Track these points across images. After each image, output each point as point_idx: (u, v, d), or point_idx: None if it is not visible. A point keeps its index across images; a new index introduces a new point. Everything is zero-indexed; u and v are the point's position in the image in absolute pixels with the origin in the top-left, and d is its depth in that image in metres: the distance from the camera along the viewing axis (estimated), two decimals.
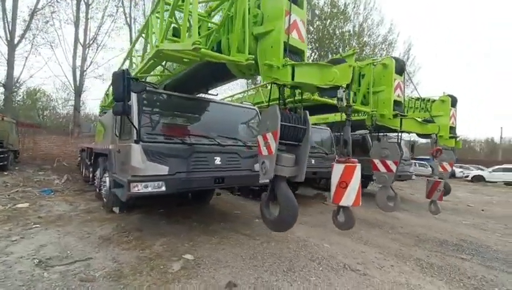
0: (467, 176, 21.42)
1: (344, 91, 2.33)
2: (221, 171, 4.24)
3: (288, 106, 3.09)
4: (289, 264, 3.38)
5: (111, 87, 6.92)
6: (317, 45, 21.19)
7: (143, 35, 4.02)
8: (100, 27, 17.46)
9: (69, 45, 17.35)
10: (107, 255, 3.33)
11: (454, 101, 7.29)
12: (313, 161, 7.38)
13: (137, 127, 3.60)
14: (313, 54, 21.45)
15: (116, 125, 4.45)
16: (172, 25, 3.41)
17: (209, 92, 4.89)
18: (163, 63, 4.19)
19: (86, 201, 6.24)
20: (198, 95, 4.81)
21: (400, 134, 5.35)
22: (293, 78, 2.68)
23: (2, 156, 10.06)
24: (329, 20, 20.79)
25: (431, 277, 3.26)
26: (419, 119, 5.39)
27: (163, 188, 3.61)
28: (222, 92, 17.80)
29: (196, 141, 4.16)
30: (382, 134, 9.00)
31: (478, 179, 20.53)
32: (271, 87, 3.26)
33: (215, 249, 3.72)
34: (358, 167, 2.41)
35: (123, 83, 3.13)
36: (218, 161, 4.24)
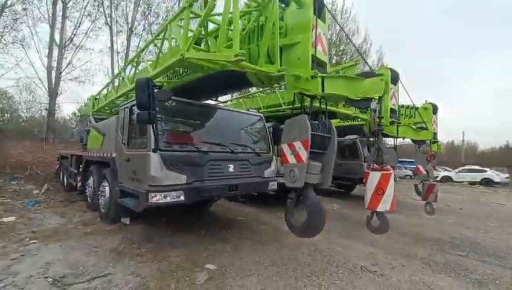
0: (436, 177, 23.12)
1: (377, 103, 2.49)
2: (234, 179, 4.24)
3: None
4: (310, 269, 3.46)
5: (107, 90, 6.62)
6: None
7: (156, 42, 3.94)
8: (78, 27, 16.56)
9: (44, 44, 16.23)
10: (126, 270, 3.19)
11: (435, 109, 7.91)
12: None
13: (154, 135, 3.51)
14: None
15: (123, 133, 4.29)
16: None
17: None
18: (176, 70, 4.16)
19: (78, 212, 5.87)
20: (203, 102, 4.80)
21: (395, 140, 5.71)
22: (323, 90, 2.81)
23: None
24: None
25: (440, 274, 3.52)
26: (413, 127, 5.78)
27: (182, 198, 3.55)
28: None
29: (210, 148, 4.14)
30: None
31: (446, 179, 22.29)
32: (294, 97, 3.36)
33: (234, 258, 3.71)
34: (393, 174, 2.57)
35: (148, 91, 3.05)
36: (231, 168, 4.25)
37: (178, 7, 20.82)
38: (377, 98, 2.52)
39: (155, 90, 3.10)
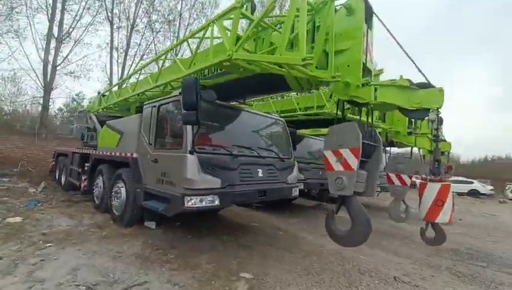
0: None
1: (437, 114, 2.50)
2: (263, 184, 4.16)
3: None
4: (346, 279, 3.41)
5: (118, 87, 6.32)
6: None
7: (191, 41, 3.83)
8: (78, 20, 16.05)
9: (41, 36, 15.58)
10: (161, 278, 3.03)
11: (440, 121, 8.13)
12: (320, 173, 7.57)
13: (191, 137, 3.39)
14: None
15: (150, 133, 4.13)
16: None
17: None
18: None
19: (86, 214, 5.57)
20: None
21: (412, 149, 5.80)
22: (375, 98, 2.80)
23: None
24: None
25: (471, 285, 3.56)
26: (431, 137, 5.90)
27: (217, 203, 3.43)
28: None
29: (239, 152, 4.04)
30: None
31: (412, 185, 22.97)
32: (337, 104, 3.34)
33: (266, 266, 3.60)
34: (451, 186, 2.58)
35: (196, 91, 2.94)
36: (260, 173, 4.16)
37: (181, 6, 20.67)
38: (435, 109, 2.53)
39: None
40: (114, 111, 7.07)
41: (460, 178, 24.15)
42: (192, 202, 3.26)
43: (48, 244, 3.75)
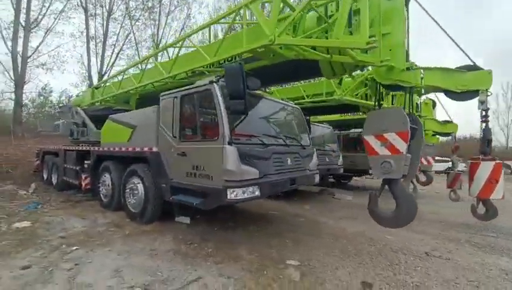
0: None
1: (487, 95, 2.58)
2: (293, 172, 4.14)
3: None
4: (384, 258, 3.53)
5: (118, 79, 5.83)
6: None
7: (215, 27, 3.62)
8: (47, 7, 14.60)
9: (6, 25, 14.02)
10: (211, 272, 2.95)
11: (434, 104, 8.53)
12: (327, 159, 7.71)
13: (228, 127, 3.26)
14: None
15: (174, 125, 3.92)
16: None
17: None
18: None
19: (96, 213, 5.26)
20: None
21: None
22: (421, 82, 2.84)
23: None
24: None
25: (493, 255, 3.83)
26: (439, 120, 6.16)
27: (257, 193, 3.36)
28: None
29: (269, 141, 3.96)
30: None
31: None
32: (378, 88, 3.35)
33: (304, 252, 3.62)
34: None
35: (242, 78, 2.80)
36: (289, 161, 4.13)
37: None
38: (484, 90, 2.60)
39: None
40: (112, 104, 6.62)
41: (437, 157, 25.81)
42: (235, 194, 3.17)
43: (73, 248, 3.51)
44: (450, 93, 2.83)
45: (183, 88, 3.98)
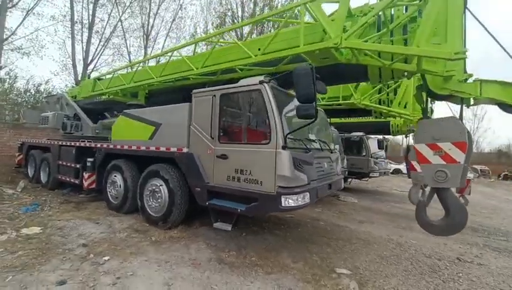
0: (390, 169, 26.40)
1: None
2: (329, 177, 4.08)
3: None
4: (423, 264, 3.60)
5: (127, 70, 5.31)
6: None
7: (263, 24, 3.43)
8: None
9: None
10: (268, 283, 2.81)
11: (431, 111, 8.89)
12: None
13: (282, 131, 3.12)
14: None
15: (212, 125, 3.69)
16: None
17: None
18: None
19: (108, 217, 4.85)
20: None
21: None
22: (480, 94, 2.88)
23: None
24: None
25: None
26: None
27: (307, 200, 3.25)
28: None
29: (310, 146, 3.86)
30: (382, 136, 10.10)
31: (397, 171, 25.64)
32: (426, 98, 3.36)
33: (347, 259, 3.61)
34: None
35: (313, 80, 2.66)
36: (326, 166, 4.07)
37: None
38: None
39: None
40: (118, 97, 6.16)
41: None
42: (289, 201, 3.03)
43: (105, 258, 3.19)
44: (505, 106, 2.90)
45: (223, 86, 3.75)
